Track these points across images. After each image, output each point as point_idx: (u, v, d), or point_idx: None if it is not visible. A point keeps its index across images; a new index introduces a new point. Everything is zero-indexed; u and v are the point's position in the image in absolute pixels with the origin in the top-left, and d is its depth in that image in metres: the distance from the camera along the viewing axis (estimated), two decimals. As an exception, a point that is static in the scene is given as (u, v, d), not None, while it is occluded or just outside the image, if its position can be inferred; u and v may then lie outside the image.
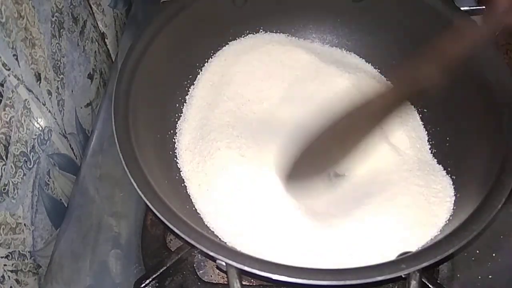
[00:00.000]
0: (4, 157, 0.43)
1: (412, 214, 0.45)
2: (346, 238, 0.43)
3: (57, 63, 0.53)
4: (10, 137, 0.44)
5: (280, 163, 0.46)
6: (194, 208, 0.46)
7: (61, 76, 0.54)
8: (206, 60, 0.57)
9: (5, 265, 0.44)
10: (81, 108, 0.61)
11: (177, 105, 0.54)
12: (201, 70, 0.57)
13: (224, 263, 0.35)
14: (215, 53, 0.58)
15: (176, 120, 0.53)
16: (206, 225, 0.45)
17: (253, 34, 0.60)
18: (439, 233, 0.43)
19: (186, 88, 0.55)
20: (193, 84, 0.56)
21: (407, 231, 0.44)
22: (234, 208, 0.45)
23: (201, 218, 0.45)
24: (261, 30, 0.60)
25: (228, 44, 0.59)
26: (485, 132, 0.45)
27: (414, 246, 0.42)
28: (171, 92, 0.54)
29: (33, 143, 0.48)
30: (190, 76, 0.56)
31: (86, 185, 0.55)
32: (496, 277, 0.46)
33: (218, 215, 0.45)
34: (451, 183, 0.47)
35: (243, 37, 0.59)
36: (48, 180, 0.51)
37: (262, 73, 0.57)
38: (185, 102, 0.55)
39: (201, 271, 0.47)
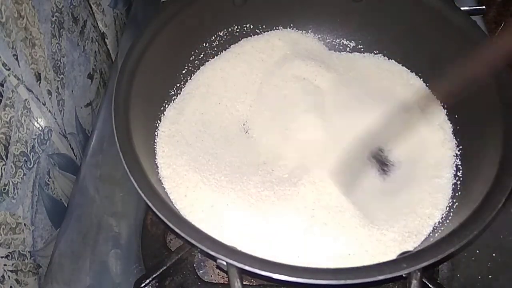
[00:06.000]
0: (4, 157, 0.43)
1: (410, 213, 0.45)
2: (346, 237, 0.43)
3: (57, 63, 0.53)
4: (10, 137, 0.44)
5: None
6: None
7: (61, 76, 0.54)
8: (207, 59, 0.57)
9: (5, 265, 0.44)
10: (81, 108, 0.61)
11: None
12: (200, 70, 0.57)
13: (224, 263, 0.35)
14: (214, 53, 0.58)
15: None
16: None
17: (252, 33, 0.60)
18: (438, 232, 0.43)
19: (187, 88, 0.55)
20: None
21: (406, 230, 0.44)
22: (230, 208, 0.45)
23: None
24: (261, 30, 0.60)
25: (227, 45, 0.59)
26: (486, 133, 0.45)
27: (411, 245, 0.42)
28: (171, 92, 0.54)
29: (33, 143, 0.48)
30: (190, 76, 0.56)
31: (86, 185, 0.55)
32: (496, 277, 0.46)
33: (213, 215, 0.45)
34: (450, 182, 0.47)
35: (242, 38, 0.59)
36: (48, 180, 0.51)
37: (258, 71, 0.57)
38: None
39: (201, 271, 0.47)
